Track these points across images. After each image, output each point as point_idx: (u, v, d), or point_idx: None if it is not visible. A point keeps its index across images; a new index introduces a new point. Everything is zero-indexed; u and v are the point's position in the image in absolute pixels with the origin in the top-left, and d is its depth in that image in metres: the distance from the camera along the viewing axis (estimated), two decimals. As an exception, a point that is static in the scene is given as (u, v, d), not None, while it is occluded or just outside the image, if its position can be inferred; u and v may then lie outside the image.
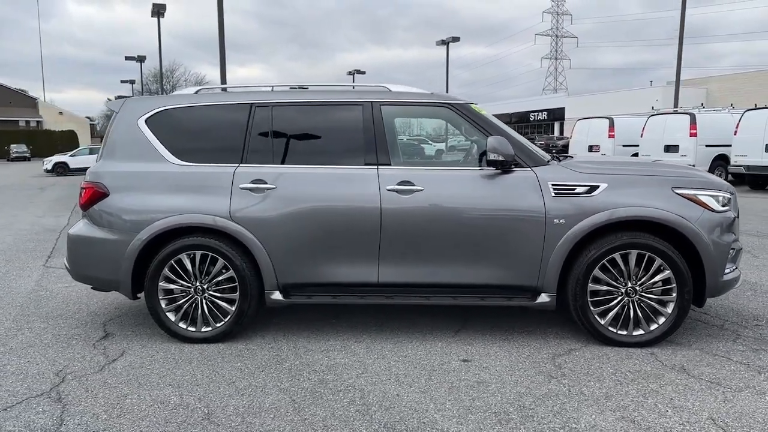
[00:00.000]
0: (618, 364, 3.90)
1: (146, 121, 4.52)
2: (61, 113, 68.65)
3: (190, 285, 4.38)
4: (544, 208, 4.14)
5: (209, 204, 4.30)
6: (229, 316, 4.38)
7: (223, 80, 14.13)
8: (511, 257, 4.20)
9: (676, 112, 18.28)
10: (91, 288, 4.74)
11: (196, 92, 4.66)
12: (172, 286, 4.38)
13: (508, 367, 3.88)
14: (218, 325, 4.39)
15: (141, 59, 41.75)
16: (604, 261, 4.15)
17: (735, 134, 15.59)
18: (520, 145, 4.30)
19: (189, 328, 4.40)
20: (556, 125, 52.36)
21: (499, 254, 4.20)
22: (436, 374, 3.77)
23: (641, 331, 4.19)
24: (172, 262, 4.35)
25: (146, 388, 3.63)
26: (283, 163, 4.38)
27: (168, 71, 67.17)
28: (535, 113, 54.23)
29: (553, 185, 4.17)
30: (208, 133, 4.50)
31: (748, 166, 15.30)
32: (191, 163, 4.42)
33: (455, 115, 4.43)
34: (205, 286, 4.37)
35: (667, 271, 4.11)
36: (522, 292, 4.28)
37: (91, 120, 78.87)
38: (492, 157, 4.10)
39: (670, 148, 16.90)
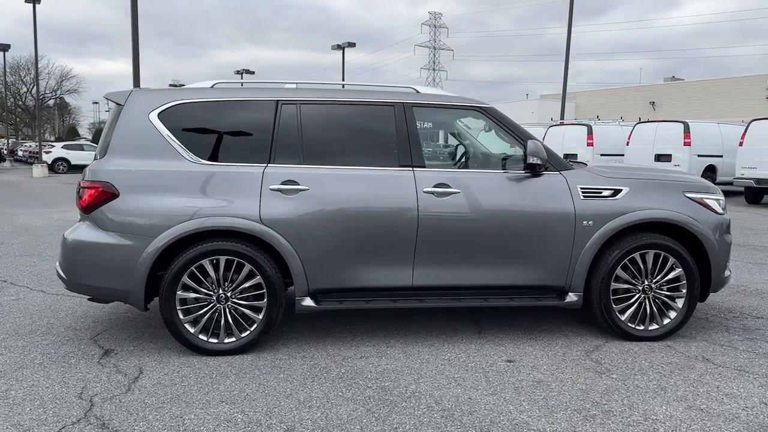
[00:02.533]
0: (647, 357, 4.13)
1: (159, 115, 4.14)
2: None
3: (212, 293, 4.06)
4: (574, 211, 4.30)
5: (237, 206, 4.02)
6: (255, 325, 4.11)
7: (137, 80, 13.15)
8: (543, 258, 4.31)
9: (573, 124, 19.65)
10: (89, 299, 4.25)
11: (212, 86, 4.34)
12: (192, 295, 4.04)
13: (553, 365, 3.97)
14: (243, 335, 4.10)
15: (5, 48, 37.89)
16: (625, 260, 4.38)
17: (627, 144, 17.05)
18: (548, 150, 4.43)
19: (210, 340, 4.08)
20: (441, 133, 54.28)
21: (531, 255, 4.30)
22: (492, 376, 3.78)
23: (656, 326, 4.47)
24: (193, 268, 4.01)
25: (199, 407, 3.31)
26: (314, 163, 4.19)
27: (29, 63, 61.49)
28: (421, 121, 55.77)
29: (581, 188, 4.34)
30: (230, 131, 4.20)
31: (638, 173, 16.75)
32: (214, 162, 4.10)
33: (485, 117, 4.48)
34: (229, 294, 4.07)
35: (679, 269, 4.42)
36: (550, 292, 4.41)
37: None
38: (531, 160, 4.19)
39: (568, 157, 18.11)
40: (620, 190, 4.37)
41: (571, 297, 4.37)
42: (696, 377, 3.79)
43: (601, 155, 17.67)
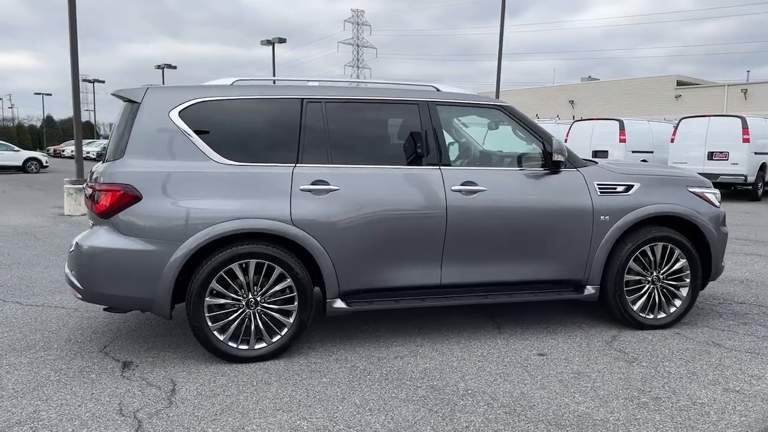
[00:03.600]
0: (664, 344, 4.33)
1: (180, 113, 3.94)
2: None
3: (240, 298, 3.92)
4: (592, 206, 4.44)
5: (268, 207, 3.89)
6: (286, 329, 4.00)
7: (75, 70, 12.35)
8: (564, 253, 4.43)
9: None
10: (104, 309, 4.00)
11: (232, 84, 4.17)
12: (221, 301, 3.88)
13: (584, 357, 4.09)
14: (274, 340, 3.98)
15: None
16: (636, 253, 4.57)
17: (566, 141, 17.73)
18: (567, 147, 4.55)
19: (240, 347, 3.93)
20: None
21: (553, 250, 4.41)
22: (532, 370, 3.85)
23: (663, 315, 4.69)
24: (222, 273, 3.85)
25: (256, 416, 3.19)
26: (341, 162, 4.12)
27: None
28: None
29: (598, 184, 4.49)
30: (255, 130, 4.06)
31: (575, 169, 17.52)
32: (241, 163, 3.95)
33: (506, 116, 4.55)
34: (258, 299, 3.94)
35: (683, 260, 4.66)
36: (569, 286, 4.55)
37: None
38: (557, 157, 4.30)
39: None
40: (632, 186, 4.56)
41: (589, 290, 4.52)
42: (716, 361, 4.01)
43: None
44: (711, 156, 14.79)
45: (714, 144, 14.80)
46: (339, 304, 4.08)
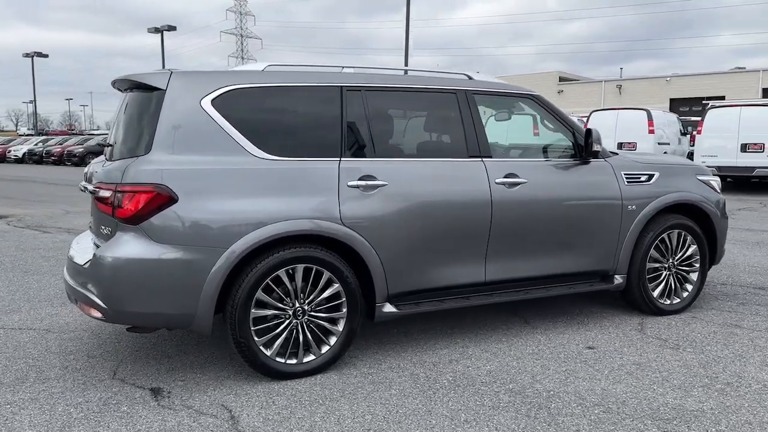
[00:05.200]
0: (691, 329, 4.43)
1: (212, 102, 3.46)
2: None
3: (287, 307, 3.53)
4: (620, 196, 4.46)
5: (315, 206, 3.52)
6: (335, 339, 3.66)
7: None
8: (597, 243, 4.42)
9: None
10: (128, 329, 3.45)
11: (262, 70, 3.73)
12: (267, 312, 3.47)
13: (630, 346, 4.09)
14: (324, 351, 3.63)
15: None
16: (656, 241, 4.66)
17: (483, 134, 18.17)
18: (593, 137, 4.53)
19: (288, 361, 3.54)
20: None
21: (588, 242, 4.38)
22: (593, 364, 3.78)
23: (678, 300, 4.82)
24: (269, 280, 3.45)
25: (350, 441, 2.86)
26: (385, 155, 3.82)
27: None
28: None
29: (624, 174, 4.51)
30: (295, 120, 3.65)
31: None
32: (282, 157, 3.54)
33: (538, 105, 4.45)
34: (306, 307, 3.57)
35: (694, 246, 4.82)
36: (598, 277, 4.54)
37: None
38: (596, 147, 4.26)
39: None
40: (653, 175, 4.63)
41: (618, 280, 4.54)
42: (749, 342, 4.16)
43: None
44: (620, 147, 15.74)
45: (623, 135, 15.78)
46: (389, 308, 3.79)
